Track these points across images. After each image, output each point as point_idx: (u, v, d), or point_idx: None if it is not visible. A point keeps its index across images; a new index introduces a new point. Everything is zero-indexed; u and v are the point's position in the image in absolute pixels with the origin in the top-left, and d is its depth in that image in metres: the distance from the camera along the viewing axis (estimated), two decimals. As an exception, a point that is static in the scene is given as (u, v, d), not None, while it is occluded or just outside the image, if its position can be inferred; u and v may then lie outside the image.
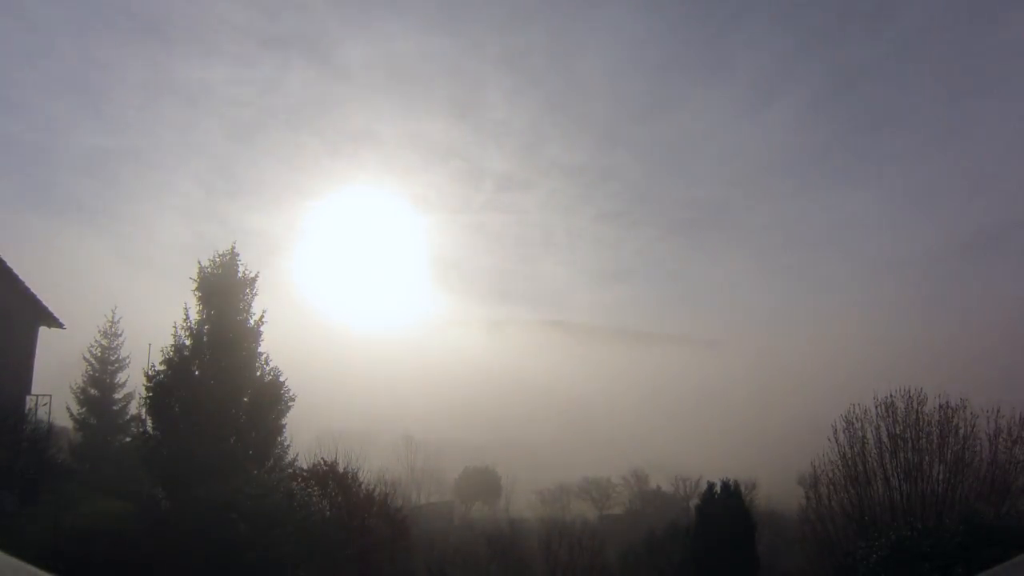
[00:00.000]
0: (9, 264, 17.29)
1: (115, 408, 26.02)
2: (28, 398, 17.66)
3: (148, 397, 16.30)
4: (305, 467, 17.69)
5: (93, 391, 25.83)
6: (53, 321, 19.68)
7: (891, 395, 16.03)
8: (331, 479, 14.12)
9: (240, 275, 16.87)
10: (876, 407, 16.20)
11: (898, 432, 15.47)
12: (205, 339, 16.15)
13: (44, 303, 19.01)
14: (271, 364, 17.35)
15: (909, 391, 15.93)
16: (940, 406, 15.47)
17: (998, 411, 15.15)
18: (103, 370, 26.34)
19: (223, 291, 16.46)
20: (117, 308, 28.18)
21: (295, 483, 12.21)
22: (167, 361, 16.11)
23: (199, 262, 16.62)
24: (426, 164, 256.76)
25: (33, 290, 18.15)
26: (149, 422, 16.70)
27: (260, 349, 17.15)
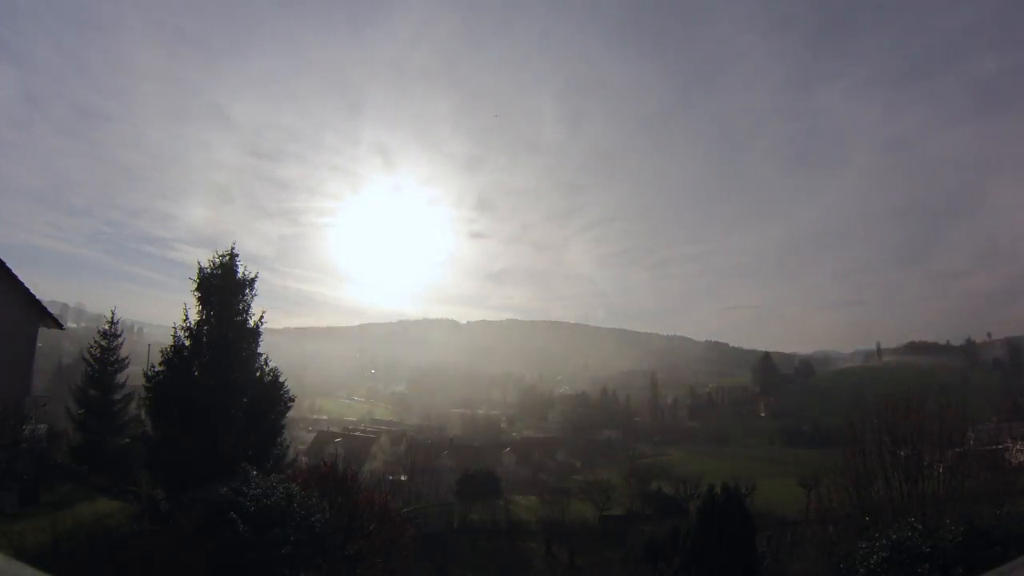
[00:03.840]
0: (8, 265, 17.30)
1: (115, 408, 26.01)
2: (27, 399, 17.65)
3: (148, 398, 16.32)
4: (305, 467, 17.72)
5: (93, 391, 25.81)
6: (53, 321, 19.69)
7: (891, 396, 16.07)
8: (331, 480, 14.09)
9: (240, 276, 16.87)
10: (876, 407, 16.23)
11: (898, 432, 15.48)
12: (204, 340, 16.14)
13: (44, 303, 19.03)
14: (271, 365, 17.42)
15: (908, 392, 15.97)
16: (940, 406, 15.51)
17: (997, 412, 15.20)
18: (103, 371, 26.32)
19: (222, 292, 16.45)
20: (117, 308, 28.27)
21: (295, 483, 12.18)
22: (167, 362, 16.13)
23: (199, 262, 16.64)
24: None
25: (33, 290, 18.17)
26: (149, 422, 16.72)
27: (259, 350, 17.20)
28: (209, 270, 16.60)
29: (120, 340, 27.03)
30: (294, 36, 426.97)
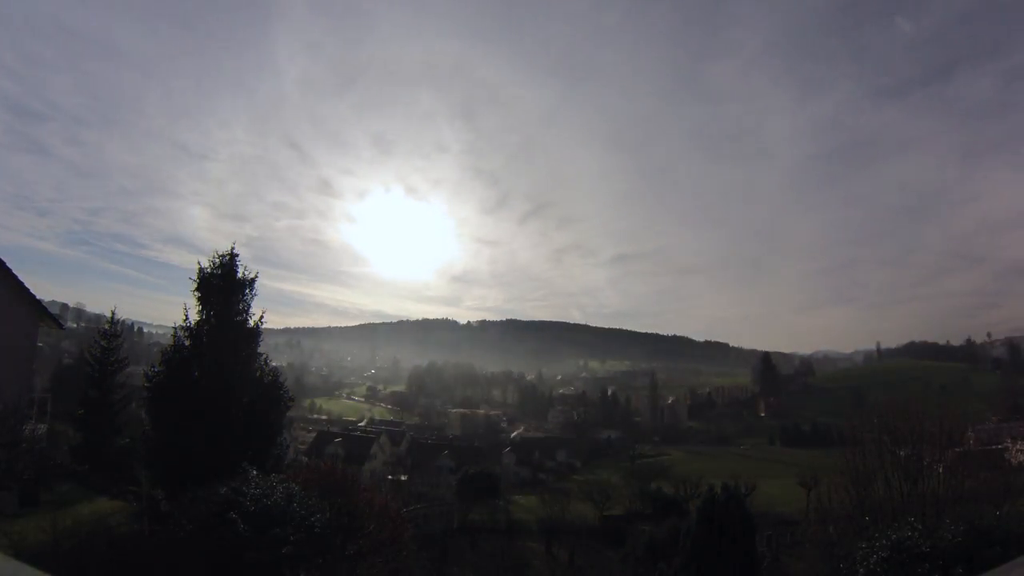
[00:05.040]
0: (9, 265, 17.30)
1: (115, 408, 26.04)
2: (28, 399, 17.66)
3: (148, 398, 16.31)
4: (305, 467, 17.73)
5: (93, 392, 25.84)
6: (53, 321, 19.69)
7: (891, 396, 16.08)
8: (331, 480, 14.09)
9: (240, 276, 16.86)
10: (876, 407, 16.24)
11: (898, 432, 15.50)
12: (205, 340, 16.13)
13: (44, 303, 19.03)
14: (271, 365, 17.42)
15: (908, 392, 15.97)
16: (939, 406, 15.53)
17: (997, 412, 15.23)
18: (102, 371, 26.34)
19: (222, 292, 16.44)
20: (117, 308, 28.33)
21: (295, 483, 12.18)
22: (166, 362, 16.11)
23: (199, 262, 16.61)
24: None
25: (33, 290, 18.17)
26: (149, 422, 16.71)
27: (259, 350, 17.20)
28: (209, 270, 16.57)
29: (120, 340, 27.07)
30: (202, 48, 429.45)
